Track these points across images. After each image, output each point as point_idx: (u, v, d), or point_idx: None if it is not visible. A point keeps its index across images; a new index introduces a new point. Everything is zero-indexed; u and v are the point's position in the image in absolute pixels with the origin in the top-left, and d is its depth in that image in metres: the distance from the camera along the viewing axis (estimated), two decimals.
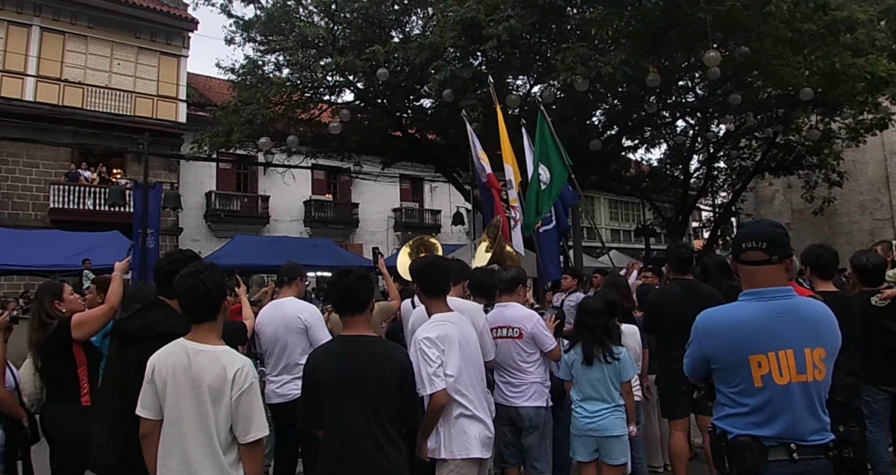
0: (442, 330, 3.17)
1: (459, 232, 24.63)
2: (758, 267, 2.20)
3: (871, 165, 21.63)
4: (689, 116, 17.77)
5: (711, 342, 2.20)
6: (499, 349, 4.04)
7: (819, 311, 2.21)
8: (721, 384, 2.20)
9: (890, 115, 14.80)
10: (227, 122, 13.40)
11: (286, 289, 4.57)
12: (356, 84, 13.76)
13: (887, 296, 4.44)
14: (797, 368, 2.10)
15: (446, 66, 10.52)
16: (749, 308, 2.18)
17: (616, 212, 33.79)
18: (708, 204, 25.18)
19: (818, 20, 10.39)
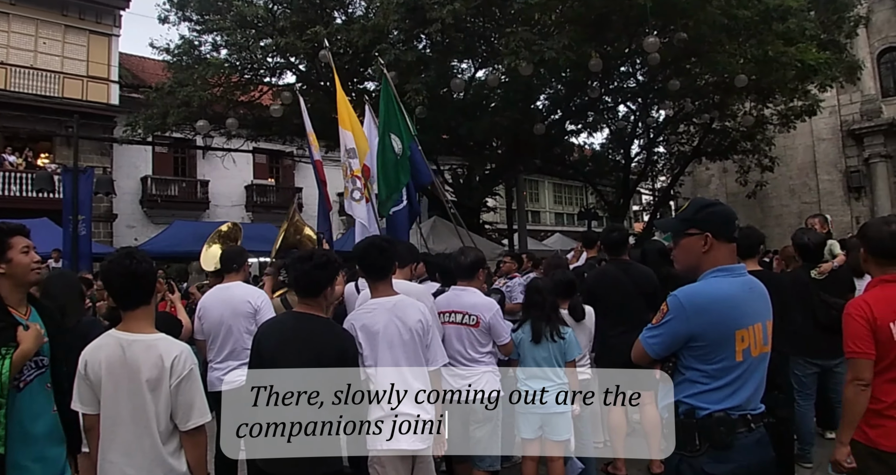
0: (368, 318, 3.12)
1: None
2: (734, 244, 2.26)
3: (800, 151, 22.59)
4: (630, 102, 18.13)
5: (700, 319, 2.13)
6: (449, 335, 3.89)
7: (764, 287, 2.30)
8: (699, 362, 2.15)
9: (818, 103, 15.44)
10: (162, 104, 12.92)
11: (232, 274, 4.49)
12: (298, 66, 13.45)
13: (824, 270, 4.66)
14: (763, 340, 2.19)
15: (390, 49, 10.38)
16: (729, 283, 2.19)
17: (560, 195, 34.32)
18: (648, 188, 25.84)
19: (752, 8, 10.70)
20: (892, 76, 21.66)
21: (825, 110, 18.51)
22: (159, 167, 21.60)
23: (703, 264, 2.25)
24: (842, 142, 22.22)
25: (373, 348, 3.06)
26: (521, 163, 16.21)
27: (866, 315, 2.57)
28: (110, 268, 2.42)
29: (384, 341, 3.07)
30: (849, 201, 22.18)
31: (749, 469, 2.11)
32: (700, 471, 2.12)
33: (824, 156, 22.59)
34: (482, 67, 13.78)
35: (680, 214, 2.37)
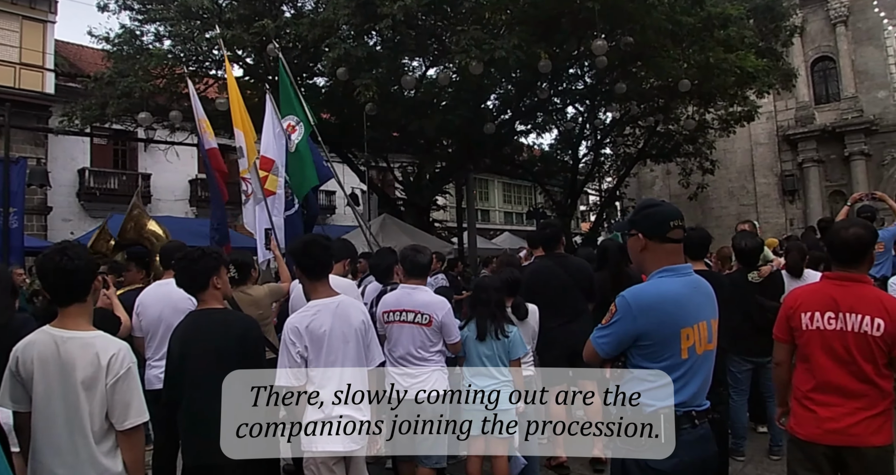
0: (312, 320, 3.04)
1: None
2: (677, 244, 2.29)
3: (739, 155, 23.39)
4: (578, 103, 18.41)
5: (647, 318, 2.17)
6: (398, 335, 3.87)
7: (710, 286, 2.37)
8: (646, 360, 2.20)
9: (756, 108, 16.04)
10: (101, 94, 12.45)
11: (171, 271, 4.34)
12: (245, 59, 13.17)
13: (763, 273, 4.87)
14: (707, 338, 2.25)
15: (340, 44, 10.27)
16: (675, 283, 2.24)
17: (509, 195, 34.61)
18: (595, 188, 26.30)
19: (695, 15, 11.04)
20: (825, 84, 22.67)
21: (762, 116, 19.24)
22: (98, 159, 20.80)
23: (645, 264, 2.32)
24: (777, 147, 23.12)
25: (318, 351, 3.01)
26: (472, 162, 16.27)
27: (788, 303, 2.80)
28: (43, 263, 2.34)
29: (329, 344, 3.03)
30: (783, 204, 23.10)
31: (692, 463, 2.17)
32: (645, 466, 2.17)
33: (761, 160, 23.46)
34: (433, 65, 13.77)
35: (630, 214, 2.45)
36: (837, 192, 21.49)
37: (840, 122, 21.43)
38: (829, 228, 3.01)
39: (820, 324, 2.67)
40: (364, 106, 10.63)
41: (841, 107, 21.76)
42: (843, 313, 2.64)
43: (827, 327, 2.65)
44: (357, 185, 20.23)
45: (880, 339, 2.58)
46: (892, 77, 21.24)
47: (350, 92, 10.67)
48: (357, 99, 10.36)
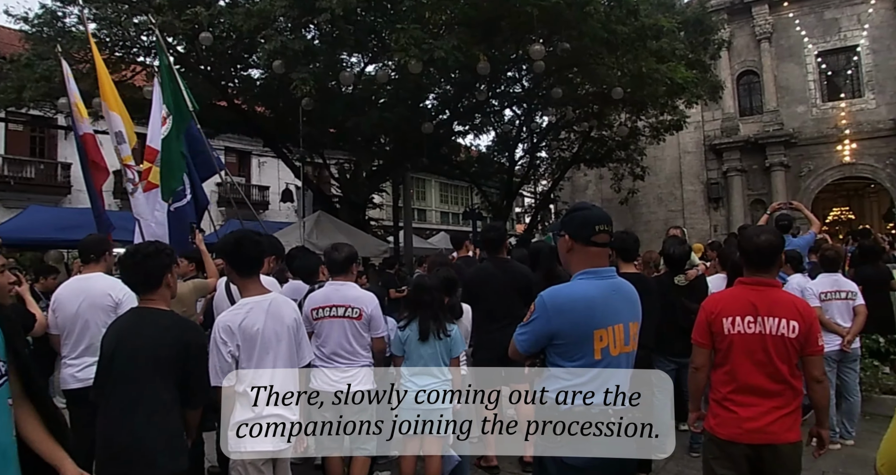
0: (245, 319, 2.95)
1: (288, 209, 23.85)
2: (602, 248, 2.36)
3: (668, 162, 24.20)
4: (516, 106, 18.64)
5: (561, 319, 2.25)
6: (329, 330, 3.90)
7: (633, 290, 2.44)
8: (561, 359, 2.27)
9: (685, 118, 16.64)
10: (17, 77, 11.75)
11: (92, 265, 4.16)
12: (176, 47, 12.70)
13: (690, 276, 5.04)
14: (624, 340, 2.32)
15: (276, 36, 10.04)
16: (591, 286, 2.31)
17: (446, 195, 34.74)
18: (530, 190, 26.72)
19: (630, 25, 11.33)
20: (749, 97, 23.72)
21: (691, 125, 20.01)
22: (13, 146, 19.69)
23: (571, 265, 2.39)
24: (704, 155, 24.04)
25: (250, 350, 2.94)
26: (409, 160, 16.21)
27: (709, 308, 2.88)
28: None
29: (262, 342, 2.96)
30: (708, 211, 24.05)
31: (607, 460, 2.23)
32: (561, 463, 2.24)
33: (689, 168, 24.35)
34: (372, 62, 13.65)
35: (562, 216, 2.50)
36: (758, 201, 22.53)
37: (762, 134, 22.48)
38: None
39: (741, 328, 2.77)
40: (300, 100, 10.43)
41: (763, 119, 22.82)
42: (761, 317, 2.75)
43: (747, 331, 2.76)
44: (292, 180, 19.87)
45: (795, 341, 2.72)
46: (811, 93, 22.47)
47: (286, 85, 10.42)
48: (293, 93, 10.13)
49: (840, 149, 21.30)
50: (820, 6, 22.19)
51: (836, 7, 21.99)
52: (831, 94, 22.38)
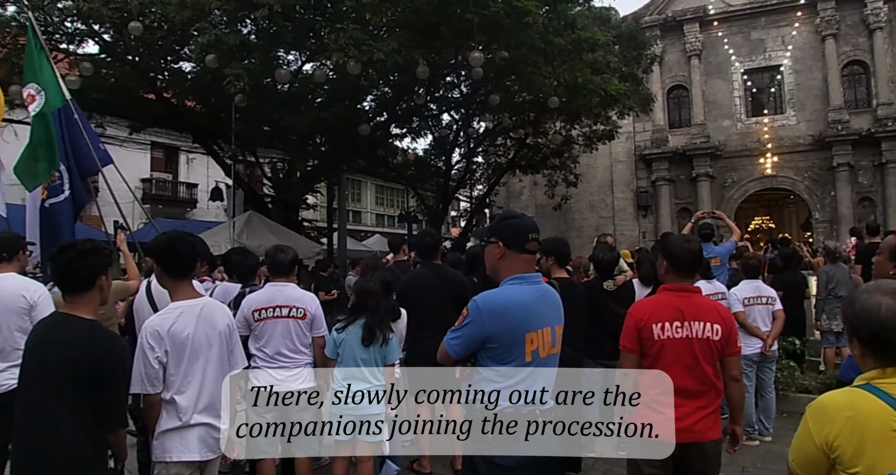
0: (175, 323, 2.80)
1: (217, 208, 23.13)
2: (532, 255, 2.47)
3: (600, 170, 24.85)
4: (453, 111, 18.74)
5: (495, 323, 2.30)
6: (272, 331, 3.93)
7: (557, 295, 2.54)
8: (493, 362, 2.32)
9: (617, 128, 17.13)
10: None
11: (4, 264, 3.91)
12: (102, 35, 12.16)
13: (619, 281, 5.18)
14: (552, 343, 2.40)
15: (211, 30, 9.75)
16: (523, 290, 2.39)
17: (382, 197, 34.56)
18: (466, 195, 26.89)
19: (567, 37, 11.60)
20: (679, 110, 24.66)
21: (622, 135, 20.63)
22: None
23: (500, 270, 2.45)
24: (634, 165, 24.82)
25: (179, 356, 2.79)
26: (345, 161, 16.04)
27: (638, 315, 2.97)
28: None
29: (192, 348, 2.82)
30: (637, 218, 24.83)
31: (536, 459, 2.29)
32: (492, 462, 2.28)
33: (620, 176, 25.08)
34: (310, 61, 13.44)
35: (489, 224, 2.54)
36: (685, 209, 23.41)
37: (690, 146, 23.39)
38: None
39: (670, 333, 2.89)
40: (234, 96, 10.15)
41: (691, 132, 23.76)
42: (688, 322, 2.88)
43: (675, 336, 2.88)
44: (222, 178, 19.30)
45: (718, 343, 2.89)
46: (736, 108, 23.57)
47: (219, 80, 10.13)
48: (226, 89, 9.86)
49: (762, 161, 22.42)
50: (747, 27, 23.34)
51: (763, 28, 23.18)
52: (755, 110, 23.56)
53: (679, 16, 23.62)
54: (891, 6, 21.57)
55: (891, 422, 1.54)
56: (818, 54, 22.35)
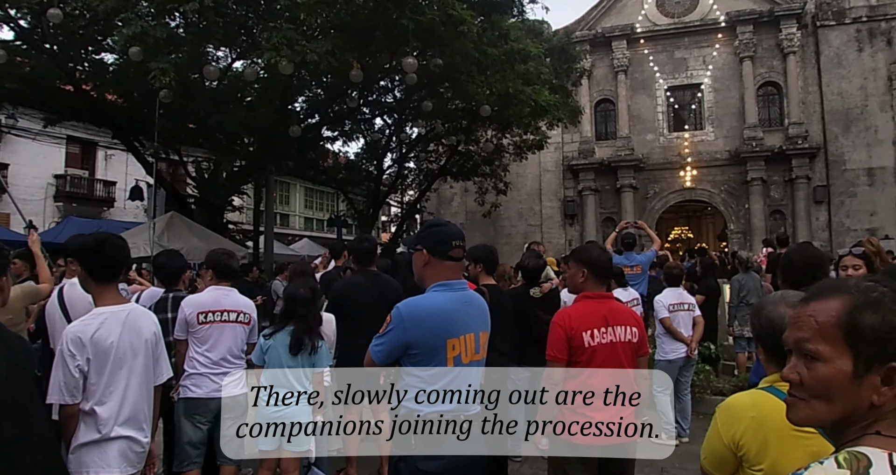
0: (101, 331, 2.64)
1: (137, 208, 22.14)
2: (456, 262, 2.49)
3: (529, 179, 25.34)
4: (386, 116, 18.69)
5: (418, 329, 2.32)
6: (219, 336, 3.89)
7: (483, 301, 2.58)
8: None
9: (546, 139, 17.53)
10: None
11: None
12: (18, 21, 11.49)
13: (545, 289, 5.29)
14: (475, 349, 2.43)
15: (136, 21, 9.34)
16: (446, 297, 2.42)
17: (311, 200, 34.02)
18: (397, 200, 26.84)
19: (500, 48, 11.80)
20: (605, 123, 25.49)
21: (551, 146, 21.18)
22: None
23: (425, 277, 2.49)
24: (562, 174, 25.46)
25: (102, 364, 2.62)
26: (274, 163, 15.72)
27: (565, 324, 3.05)
28: None
29: (116, 357, 2.66)
30: (564, 226, 25.45)
31: (459, 463, 2.30)
32: (415, 468, 2.29)
33: (548, 185, 25.65)
34: (240, 58, 13.14)
35: (417, 231, 2.57)
36: (609, 218, 24.16)
37: (615, 158, 24.19)
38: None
39: (600, 339, 3.01)
40: (158, 92, 9.78)
41: (616, 144, 24.58)
42: (612, 327, 3.02)
43: (603, 341, 3.00)
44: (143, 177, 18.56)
45: (635, 345, 3.07)
46: (659, 123, 24.58)
47: (143, 74, 9.72)
48: (151, 83, 9.47)
49: (682, 175, 23.44)
50: (671, 46, 24.42)
51: (686, 48, 24.30)
52: (677, 125, 24.64)
53: (608, 32, 24.46)
54: (804, 32, 23.07)
55: None
56: (736, 75, 23.62)
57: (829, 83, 22.80)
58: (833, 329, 1.04)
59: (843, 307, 1.04)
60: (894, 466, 0.96)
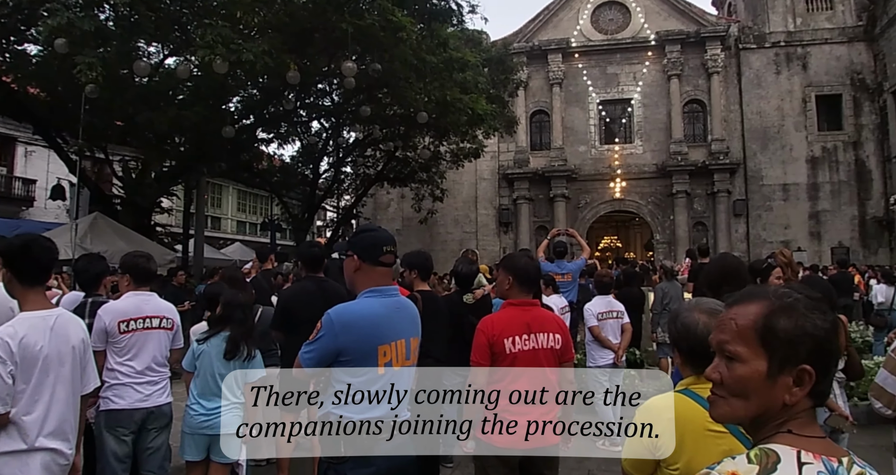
0: (28, 337, 2.52)
1: (58, 208, 21.09)
2: (387, 268, 2.49)
3: (465, 187, 25.60)
4: (324, 119, 18.55)
5: (348, 335, 2.30)
6: (143, 343, 3.68)
7: (414, 307, 2.60)
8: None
9: (482, 147, 17.78)
10: None
11: None
12: None
13: (477, 295, 5.37)
14: (406, 355, 2.44)
15: (63, 12, 8.94)
16: (377, 303, 2.42)
17: (244, 203, 33.26)
18: (333, 205, 26.59)
19: (439, 56, 11.92)
20: (540, 134, 26.05)
21: (487, 154, 21.49)
22: None
23: (356, 283, 2.49)
24: (498, 183, 25.85)
25: (29, 371, 2.50)
26: (206, 164, 15.32)
27: (488, 331, 3.12)
28: None
29: (43, 364, 2.54)
30: (499, 234, 25.81)
31: (389, 471, 2.32)
32: (343, 474, 2.28)
33: (484, 193, 25.98)
34: (173, 55, 12.74)
35: (349, 237, 2.58)
36: (542, 227, 24.64)
37: (548, 168, 24.75)
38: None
39: (521, 346, 3.07)
40: (84, 86, 9.39)
41: (550, 155, 25.15)
42: (534, 334, 3.09)
43: (525, 348, 3.07)
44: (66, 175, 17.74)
45: (559, 351, 3.13)
46: (591, 135, 25.32)
47: (69, 68, 9.31)
48: (77, 78, 9.08)
49: (612, 186, 24.24)
50: (604, 62, 25.25)
51: (617, 64, 25.18)
52: (608, 138, 25.43)
53: (544, 45, 25.05)
54: (727, 54, 24.29)
55: (705, 423, 1.71)
56: (664, 91, 24.62)
57: (749, 103, 24.11)
58: (750, 331, 1.11)
59: (760, 311, 1.11)
60: (802, 463, 1.04)
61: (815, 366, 1.07)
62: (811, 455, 1.05)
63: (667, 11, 24.87)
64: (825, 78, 23.79)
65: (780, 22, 24.14)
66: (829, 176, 23.51)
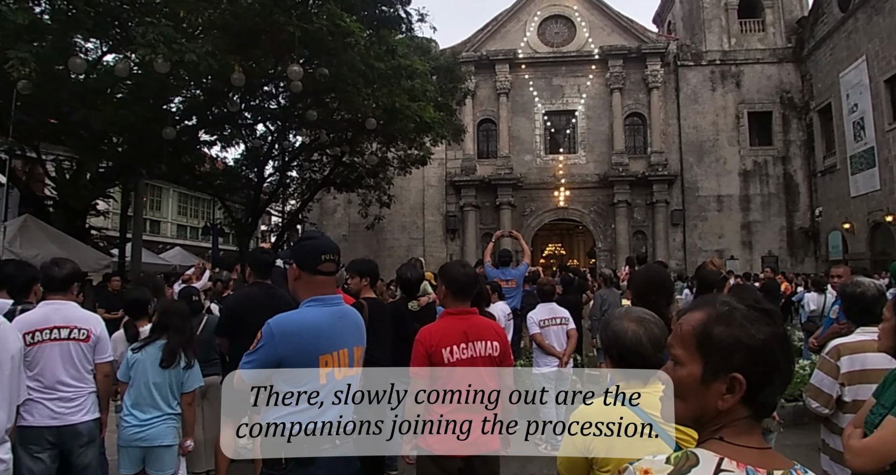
0: None
1: None
2: (329, 277, 2.45)
3: (413, 193, 25.64)
4: (269, 122, 18.27)
5: (287, 344, 2.27)
6: (48, 356, 3.41)
7: (358, 316, 2.59)
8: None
9: (430, 154, 17.87)
10: None
11: None
12: None
13: (422, 302, 5.39)
14: (349, 364, 2.41)
15: None
16: (319, 312, 2.39)
17: (185, 206, 32.38)
18: (278, 209, 26.17)
19: (387, 62, 11.93)
20: (487, 142, 26.35)
21: (435, 162, 21.65)
22: None
23: (298, 292, 2.48)
24: (445, 190, 25.99)
25: None
26: (145, 165, 14.85)
27: (426, 341, 3.10)
28: None
29: None
30: (446, 240, 25.93)
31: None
32: None
33: (431, 200, 26.07)
34: (112, 52, 12.32)
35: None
36: (488, 234, 24.83)
37: (495, 176, 25.05)
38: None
39: (459, 355, 3.06)
40: (16, 82, 9.00)
41: (497, 163, 25.46)
42: (472, 342, 3.09)
43: (462, 357, 3.07)
44: None
45: (497, 358, 3.13)
46: (537, 145, 25.78)
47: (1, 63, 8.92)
48: (8, 73, 8.70)
49: (556, 195, 24.72)
50: (550, 73, 25.76)
51: (563, 76, 25.74)
52: (552, 148, 25.91)
53: (492, 55, 25.38)
54: (666, 70, 25.16)
55: (635, 426, 1.80)
56: (606, 104, 25.29)
57: (687, 117, 25.02)
58: (690, 337, 1.16)
59: (701, 319, 1.16)
60: (720, 470, 1.07)
61: (749, 376, 1.10)
62: (734, 463, 1.08)
63: (610, 27, 25.60)
64: (757, 95, 24.91)
65: (716, 41, 25.16)
66: (759, 188, 24.61)
